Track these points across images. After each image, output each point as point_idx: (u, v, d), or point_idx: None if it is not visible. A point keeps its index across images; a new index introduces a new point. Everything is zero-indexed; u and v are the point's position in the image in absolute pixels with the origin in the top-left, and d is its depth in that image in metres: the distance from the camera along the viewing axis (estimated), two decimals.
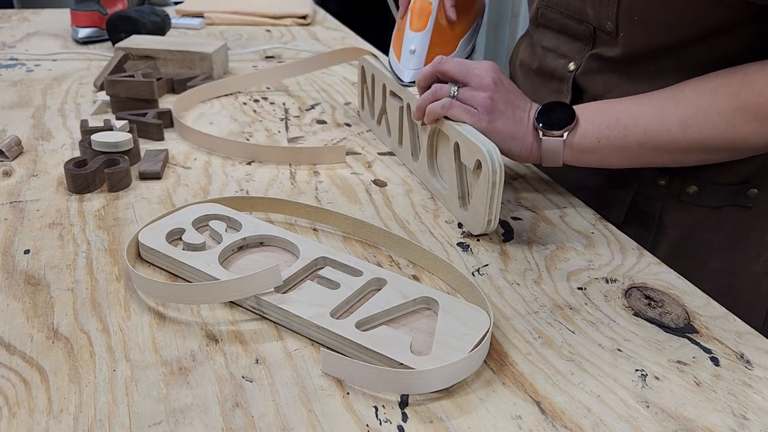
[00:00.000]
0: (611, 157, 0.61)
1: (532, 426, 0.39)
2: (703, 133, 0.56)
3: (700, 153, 0.58)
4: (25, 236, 0.57)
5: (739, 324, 0.49)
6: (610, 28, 0.65)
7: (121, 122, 0.76)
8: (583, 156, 0.62)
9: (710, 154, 0.58)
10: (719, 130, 0.56)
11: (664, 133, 0.58)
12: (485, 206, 0.57)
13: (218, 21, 1.51)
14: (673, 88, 0.59)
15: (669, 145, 0.58)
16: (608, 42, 0.66)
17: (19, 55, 1.16)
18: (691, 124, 0.56)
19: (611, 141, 0.60)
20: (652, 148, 0.59)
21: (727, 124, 0.55)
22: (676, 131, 0.57)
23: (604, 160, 0.62)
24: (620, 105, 0.60)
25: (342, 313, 0.47)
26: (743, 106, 0.54)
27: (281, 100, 0.97)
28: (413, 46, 0.71)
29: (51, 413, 0.38)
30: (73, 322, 0.46)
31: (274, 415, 0.39)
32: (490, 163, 0.55)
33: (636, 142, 0.59)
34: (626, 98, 0.61)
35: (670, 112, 0.57)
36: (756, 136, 0.55)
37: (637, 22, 0.62)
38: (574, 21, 0.70)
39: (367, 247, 0.58)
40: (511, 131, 0.61)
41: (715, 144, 0.57)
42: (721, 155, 0.59)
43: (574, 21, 0.70)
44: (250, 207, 0.63)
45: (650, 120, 0.58)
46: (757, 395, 0.42)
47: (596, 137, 0.60)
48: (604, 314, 0.50)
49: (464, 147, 0.60)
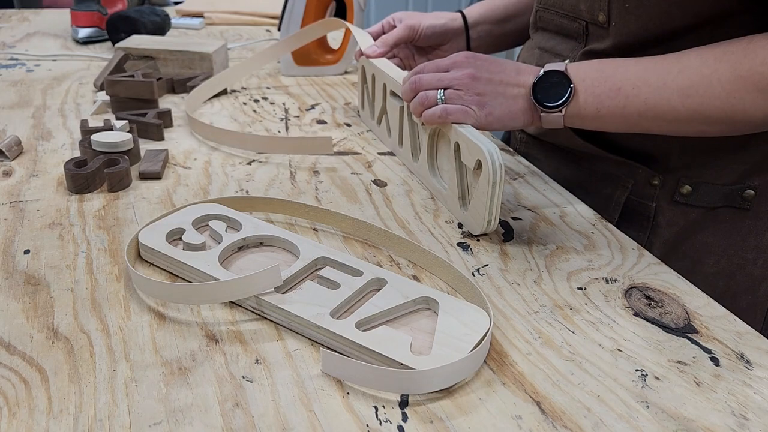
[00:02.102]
0: (610, 124, 0.61)
1: (532, 426, 0.39)
2: (703, 103, 0.56)
3: (699, 124, 0.58)
4: (25, 236, 0.57)
5: (739, 324, 0.49)
6: (602, 19, 0.65)
7: (121, 122, 0.76)
8: (583, 123, 0.62)
9: (709, 125, 0.58)
10: (719, 101, 0.55)
11: (665, 103, 0.57)
12: (485, 206, 0.57)
13: (218, 21, 1.51)
14: (678, 54, 0.58)
15: (668, 115, 0.58)
16: (600, 36, 0.66)
17: (19, 55, 1.16)
18: (692, 94, 0.56)
19: (611, 111, 0.60)
20: (651, 118, 0.59)
21: (727, 93, 0.55)
22: (676, 101, 0.57)
23: (602, 127, 0.62)
24: (623, 72, 0.59)
25: (342, 313, 0.47)
26: (745, 75, 0.54)
27: (281, 100, 0.97)
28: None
29: (51, 413, 0.38)
30: (73, 322, 0.46)
31: (274, 415, 0.39)
32: (490, 163, 0.55)
33: (636, 111, 0.59)
34: (629, 62, 0.60)
35: (671, 81, 0.57)
36: (755, 108, 0.54)
37: (629, 11, 0.62)
38: (568, 19, 0.70)
39: (367, 247, 0.58)
40: (510, 113, 0.62)
41: (714, 114, 0.56)
42: (719, 127, 0.58)
43: (568, 19, 0.70)
44: (250, 207, 0.63)
45: (651, 90, 0.58)
46: (757, 395, 0.42)
47: (596, 108, 0.60)
48: (604, 314, 0.50)
49: (465, 147, 0.60)
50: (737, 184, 0.66)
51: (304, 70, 1.10)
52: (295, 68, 1.10)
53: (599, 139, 0.71)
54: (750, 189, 0.65)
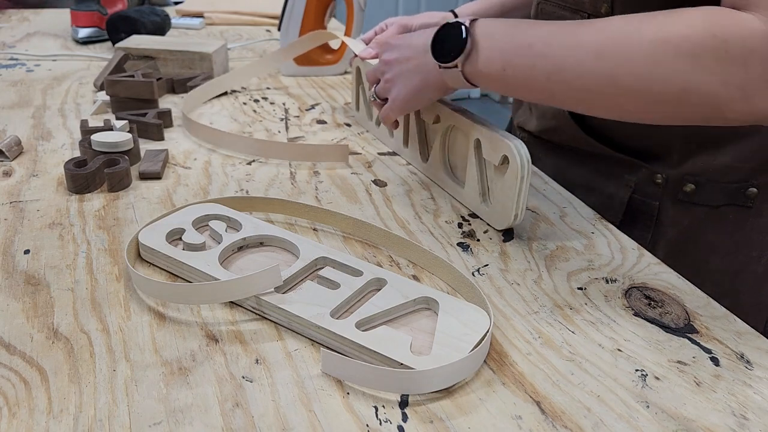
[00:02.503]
0: (518, 87, 0.55)
1: (532, 426, 0.39)
2: (617, 66, 0.47)
3: (610, 93, 0.49)
4: (25, 236, 0.57)
5: (739, 324, 0.49)
6: (606, 10, 0.64)
7: (121, 122, 0.76)
8: (488, 83, 0.56)
9: (620, 96, 0.49)
10: (635, 63, 0.47)
11: (576, 65, 0.49)
12: (513, 201, 0.58)
13: (218, 21, 1.51)
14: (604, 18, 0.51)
15: (577, 81, 0.50)
16: None
17: (19, 55, 1.16)
18: (606, 54, 0.48)
19: (518, 70, 0.53)
20: (560, 81, 0.51)
21: (645, 55, 0.46)
22: (589, 62, 0.49)
23: (511, 90, 0.56)
24: (536, 29, 0.53)
25: (342, 313, 0.47)
26: (667, 37, 0.45)
27: (281, 100, 0.97)
28: None
29: (51, 413, 0.38)
30: (73, 322, 0.46)
31: (274, 415, 0.39)
32: (518, 158, 0.56)
33: (544, 72, 0.51)
34: (545, 21, 0.54)
35: (587, 39, 0.49)
36: (673, 75, 0.45)
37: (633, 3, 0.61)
38: (570, 12, 0.70)
39: (367, 247, 0.58)
40: (413, 88, 0.62)
41: (627, 82, 0.47)
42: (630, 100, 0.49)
43: (570, 12, 0.70)
44: (250, 207, 0.63)
45: (564, 49, 0.50)
46: (757, 395, 0.42)
47: (502, 65, 0.53)
48: (604, 314, 0.50)
49: (487, 143, 0.60)
50: (741, 183, 0.66)
51: (305, 70, 1.11)
52: (295, 68, 1.10)
53: (602, 135, 0.71)
54: (753, 187, 0.65)
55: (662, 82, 0.46)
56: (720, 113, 0.46)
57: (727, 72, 0.43)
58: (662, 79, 0.46)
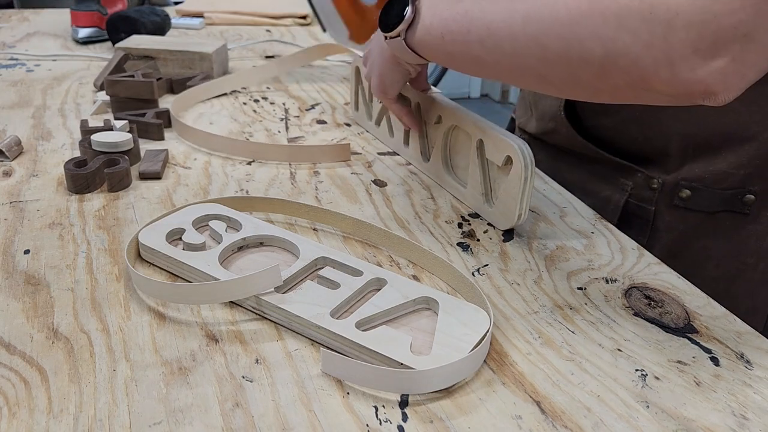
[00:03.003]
0: (456, 57, 0.53)
1: (532, 426, 0.39)
2: (542, 29, 0.45)
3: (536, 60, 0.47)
4: (25, 236, 0.57)
5: (739, 324, 0.49)
6: None
7: (121, 122, 0.76)
8: (430, 53, 0.56)
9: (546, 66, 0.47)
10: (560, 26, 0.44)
11: (506, 28, 0.48)
12: (517, 201, 0.58)
13: (218, 21, 1.51)
14: None
15: (507, 45, 0.48)
16: None
17: (19, 55, 1.16)
18: (534, 18, 0.46)
19: (455, 37, 0.52)
20: (492, 47, 0.50)
21: (570, 18, 0.44)
22: (518, 25, 0.47)
23: (452, 62, 0.55)
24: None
25: (342, 313, 0.47)
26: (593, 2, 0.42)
27: (281, 100, 0.97)
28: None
29: (51, 413, 0.38)
30: (73, 322, 0.46)
31: (274, 415, 0.39)
32: (521, 159, 0.56)
33: (478, 38, 0.50)
34: None
35: (519, 5, 0.47)
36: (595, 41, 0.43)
37: None
38: None
39: (367, 247, 0.58)
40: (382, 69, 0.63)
41: (552, 46, 0.45)
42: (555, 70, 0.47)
43: None
44: (250, 207, 0.63)
45: (496, 13, 0.49)
46: (757, 395, 0.42)
47: (441, 33, 0.53)
48: (604, 314, 0.50)
49: (491, 143, 0.60)
50: (737, 189, 0.65)
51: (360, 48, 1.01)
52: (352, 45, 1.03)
53: (598, 138, 0.71)
54: (750, 194, 0.65)
55: (586, 45, 0.43)
56: (646, 82, 0.43)
57: (651, 34, 0.40)
58: (586, 41, 0.43)
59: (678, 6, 0.39)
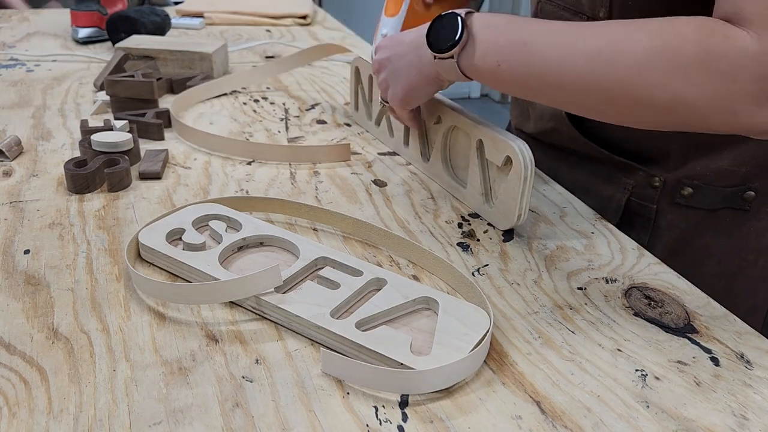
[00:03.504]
0: (510, 83, 0.55)
1: (532, 426, 0.39)
2: (607, 72, 0.47)
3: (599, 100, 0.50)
4: (25, 236, 0.57)
5: (739, 324, 0.49)
6: (603, 15, 0.64)
7: (121, 122, 0.76)
8: (482, 76, 0.56)
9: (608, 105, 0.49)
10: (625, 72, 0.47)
11: (570, 68, 0.49)
12: (516, 201, 0.58)
13: (218, 21, 1.51)
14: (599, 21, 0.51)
15: (570, 83, 0.50)
16: None
17: (19, 55, 1.16)
18: (599, 60, 0.48)
19: (512, 67, 0.53)
20: (553, 83, 0.51)
21: (636, 64, 0.46)
22: (582, 66, 0.49)
23: (503, 86, 0.56)
24: (533, 28, 0.53)
25: (342, 313, 0.47)
26: (659, 46, 0.45)
27: (281, 100, 0.97)
28: (385, 30, 0.73)
29: (51, 413, 0.38)
30: (73, 322, 0.46)
31: (274, 415, 0.39)
32: (521, 159, 0.56)
33: (538, 72, 0.51)
34: (543, 21, 0.53)
35: (582, 43, 0.49)
36: (660, 88, 0.45)
37: (630, 7, 0.61)
38: (570, 13, 0.70)
39: (367, 247, 0.58)
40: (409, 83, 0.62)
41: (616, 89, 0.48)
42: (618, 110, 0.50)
43: (570, 13, 0.70)
44: (250, 207, 0.63)
45: (559, 50, 0.50)
46: (757, 395, 0.42)
47: (496, 60, 0.53)
48: (604, 314, 0.50)
49: (490, 144, 0.60)
50: (738, 186, 0.65)
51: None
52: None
53: (599, 138, 0.71)
54: (751, 190, 0.65)
55: (650, 91, 0.46)
56: (706, 125, 0.46)
57: (715, 87, 0.44)
58: (651, 88, 0.46)
59: (742, 62, 0.42)
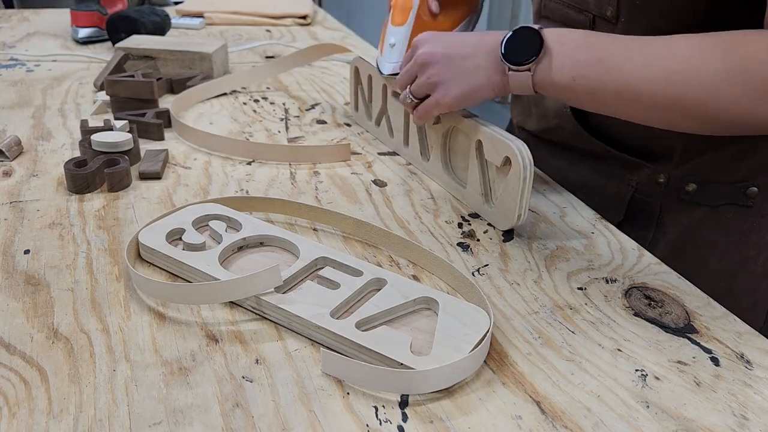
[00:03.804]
0: (583, 98, 0.56)
1: (532, 426, 0.39)
2: (684, 92, 0.51)
3: (673, 114, 0.53)
4: (25, 236, 0.57)
5: (739, 324, 0.49)
6: (611, 14, 0.64)
7: (121, 122, 0.76)
8: (554, 91, 0.57)
9: (683, 118, 0.53)
10: (701, 92, 0.50)
11: (645, 86, 0.52)
12: (516, 201, 0.58)
13: (218, 21, 1.51)
14: (667, 37, 0.53)
15: (646, 99, 0.53)
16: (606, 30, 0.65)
17: (19, 55, 1.16)
18: (675, 80, 0.51)
19: (587, 82, 0.54)
20: (628, 99, 0.54)
21: (711, 85, 0.50)
22: (658, 85, 0.52)
23: (576, 100, 0.58)
24: (606, 44, 0.55)
25: (342, 313, 0.47)
26: (732, 69, 0.49)
27: (281, 100, 0.97)
28: (393, 39, 0.72)
29: (51, 413, 0.38)
30: (73, 322, 0.46)
31: (274, 415, 0.39)
32: (520, 159, 0.56)
33: (613, 88, 0.54)
34: (614, 36, 0.55)
35: (657, 63, 0.52)
36: (735, 106, 0.50)
37: (638, 6, 0.61)
38: (575, 11, 0.69)
39: (367, 247, 0.58)
40: (471, 87, 0.60)
41: (691, 106, 0.51)
42: (692, 122, 0.53)
43: (575, 11, 0.69)
44: (250, 207, 0.63)
45: (635, 68, 0.53)
46: (757, 395, 0.42)
47: (571, 75, 0.55)
48: (604, 314, 0.50)
49: (489, 144, 0.60)
50: (742, 182, 0.66)
51: None
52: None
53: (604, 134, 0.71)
54: (754, 186, 0.66)
55: (726, 107, 0.50)
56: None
57: None
58: (726, 105, 0.50)
59: None
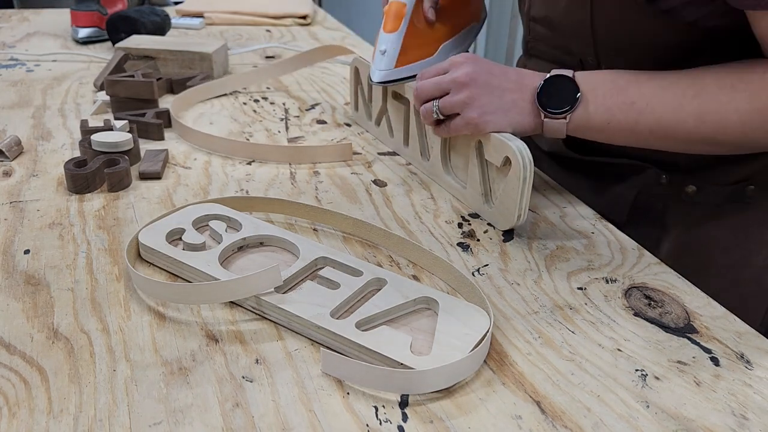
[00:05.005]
0: (618, 138, 0.59)
1: (532, 426, 0.39)
2: (717, 130, 0.55)
3: (710, 146, 0.57)
4: (25, 236, 0.57)
5: (739, 324, 0.49)
6: (592, 61, 0.66)
7: (121, 122, 0.76)
8: (589, 134, 0.59)
9: (719, 148, 0.57)
10: (734, 129, 0.54)
11: (679, 125, 0.55)
12: (516, 202, 0.58)
13: (218, 21, 1.51)
14: (694, 75, 0.56)
15: (680, 136, 0.56)
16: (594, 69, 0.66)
17: (19, 55, 1.16)
18: (707, 120, 0.54)
19: (621, 125, 0.57)
20: (662, 137, 0.57)
21: (742, 123, 0.54)
22: (691, 124, 0.55)
23: (609, 140, 0.60)
24: (636, 87, 0.57)
25: (342, 313, 0.47)
26: (761, 108, 0.53)
27: (281, 100, 0.97)
28: (384, 46, 0.71)
29: (51, 413, 0.38)
30: (73, 322, 0.46)
31: (274, 415, 0.39)
32: (520, 160, 0.56)
33: (647, 128, 0.57)
34: (643, 76, 0.57)
35: (687, 103, 0.55)
36: (766, 140, 0.54)
37: (616, 54, 0.63)
38: (561, 52, 0.71)
39: (367, 247, 0.58)
40: (510, 121, 0.59)
41: (726, 140, 0.55)
42: (727, 149, 0.58)
43: (561, 52, 0.71)
44: (250, 207, 0.63)
45: (666, 109, 0.56)
46: (757, 395, 0.42)
47: (606, 119, 0.57)
48: (604, 314, 0.50)
49: (489, 145, 0.60)
50: (741, 183, 0.67)
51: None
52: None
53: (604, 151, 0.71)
54: (752, 185, 0.67)
55: (756, 142, 0.55)
56: None
57: None
58: (756, 140, 0.55)
59: None
